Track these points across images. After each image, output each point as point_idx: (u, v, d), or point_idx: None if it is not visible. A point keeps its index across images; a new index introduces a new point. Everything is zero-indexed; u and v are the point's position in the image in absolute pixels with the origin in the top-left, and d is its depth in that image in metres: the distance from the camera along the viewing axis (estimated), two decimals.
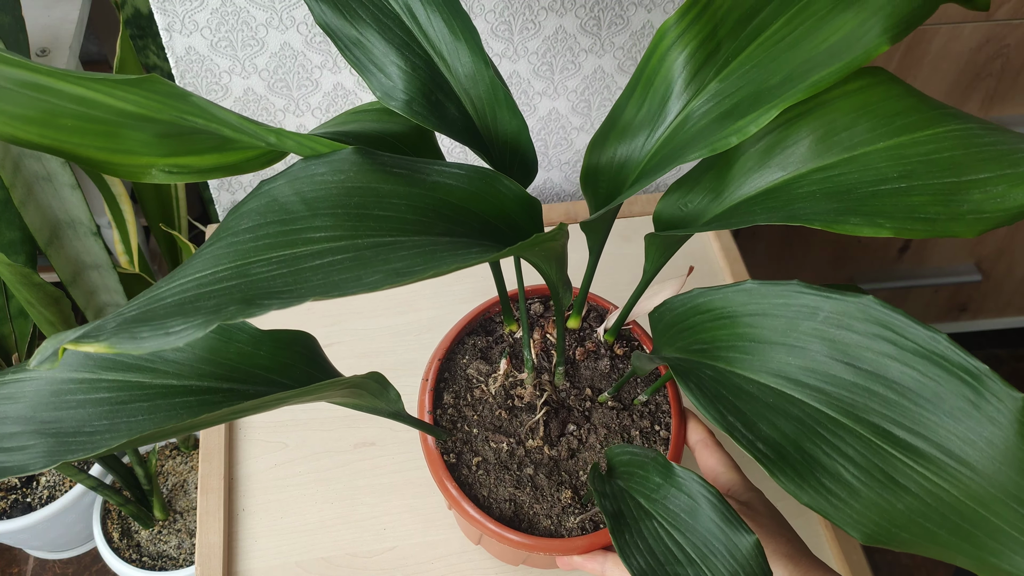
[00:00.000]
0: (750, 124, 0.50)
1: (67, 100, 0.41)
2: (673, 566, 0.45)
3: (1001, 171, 0.47)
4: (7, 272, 0.82)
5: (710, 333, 0.50)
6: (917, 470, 0.41)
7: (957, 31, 1.08)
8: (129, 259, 1.12)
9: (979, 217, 0.46)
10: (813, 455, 0.42)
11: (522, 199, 0.50)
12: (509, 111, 0.53)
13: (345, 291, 0.41)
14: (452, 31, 0.52)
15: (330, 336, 0.87)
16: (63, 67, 1.05)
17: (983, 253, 1.44)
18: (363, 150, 0.46)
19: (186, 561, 1.19)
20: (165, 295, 0.41)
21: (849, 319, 0.45)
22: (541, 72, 0.89)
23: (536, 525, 0.58)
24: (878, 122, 0.51)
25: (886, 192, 0.48)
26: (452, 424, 0.61)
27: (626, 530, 0.46)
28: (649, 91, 0.55)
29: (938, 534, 0.40)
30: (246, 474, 0.78)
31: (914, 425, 0.42)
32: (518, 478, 0.59)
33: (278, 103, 0.88)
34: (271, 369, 0.53)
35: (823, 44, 0.51)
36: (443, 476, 0.59)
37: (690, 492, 0.47)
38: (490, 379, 0.63)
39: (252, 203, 0.44)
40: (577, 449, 0.61)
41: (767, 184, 0.53)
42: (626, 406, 0.63)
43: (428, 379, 0.62)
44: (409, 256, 0.45)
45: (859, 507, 0.41)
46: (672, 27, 0.54)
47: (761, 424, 0.43)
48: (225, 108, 0.44)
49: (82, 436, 0.47)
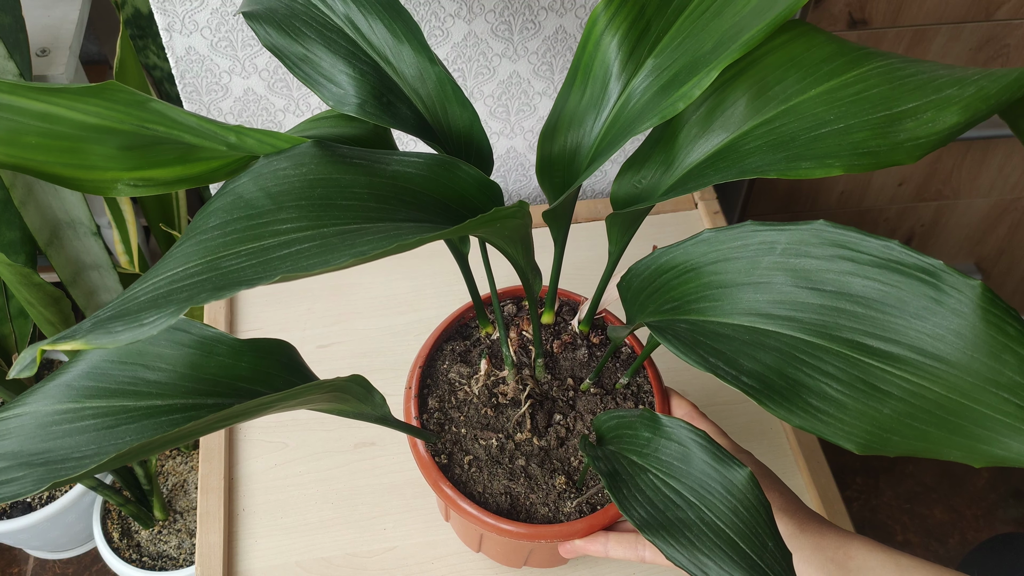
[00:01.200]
0: (693, 88, 0.52)
1: (30, 117, 0.43)
2: (673, 511, 0.45)
3: (926, 98, 0.50)
4: (7, 272, 0.82)
5: (678, 290, 0.52)
6: (896, 374, 0.42)
7: (957, 31, 1.08)
8: (129, 259, 1.13)
9: (916, 143, 0.48)
10: (796, 379, 0.43)
11: (482, 183, 0.52)
12: (459, 105, 0.55)
13: (312, 271, 0.42)
14: (394, 35, 0.55)
15: (330, 336, 0.87)
16: (63, 67, 1.08)
17: (983, 253, 1.45)
18: (322, 143, 0.47)
19: (186, 561, 1.18)
20: (138, 295, 0.42)
21: (806, 246, 0.47)
22: (541, 72, 0.91)
23: (534, 514, 0.58)
24: (806, 71, 0.53)
25: (828, 134, 0.51)
26: (440, 427, 0.62)
27: (623, 486, 0.47)
28: (589, 77, 0.58)
29: (928, 431, 0.41)
30: (246, 474, 0.78)
31: (885, 333, 0.43)
32: (511, 470, 0.59)
33: (278, 103, 0.89)
34: (253, 380, 0.53)
35: (746, 7, 0.53)
36: (437, 478, 0.59)
37: (680, 439, 0.48)
38: (472, 380, 0.63)
39: (218, 202, 0.45)
40: (566, 437, 0.61)
41: (714, 147, 0.56)
42: (608, 391, 0.63)
43: (411, 386, 0.63)
44: (374, 240, 0.46)
45: (848, 419, 0.41)
46: (602, 13, 0.56)
47: (742, 360, 0.44)
48: (185, 111, 0.45)
49: (71, 461, 0.47)
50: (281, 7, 0.55)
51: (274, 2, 0.55)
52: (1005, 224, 1.36)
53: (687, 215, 0.99)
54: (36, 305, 0.88)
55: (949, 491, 1.53)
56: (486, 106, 0.94)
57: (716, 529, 0.44)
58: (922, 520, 1.51)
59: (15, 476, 0.47)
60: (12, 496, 0.45)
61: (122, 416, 0.50)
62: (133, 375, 0.52)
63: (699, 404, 0.64)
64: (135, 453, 0.44)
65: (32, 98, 0.42)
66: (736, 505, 0.45)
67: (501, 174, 1.03)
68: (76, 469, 0.47)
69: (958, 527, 1.50)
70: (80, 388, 0.51)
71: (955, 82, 0.50)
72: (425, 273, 0.92)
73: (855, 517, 1.51)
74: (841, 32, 1.06)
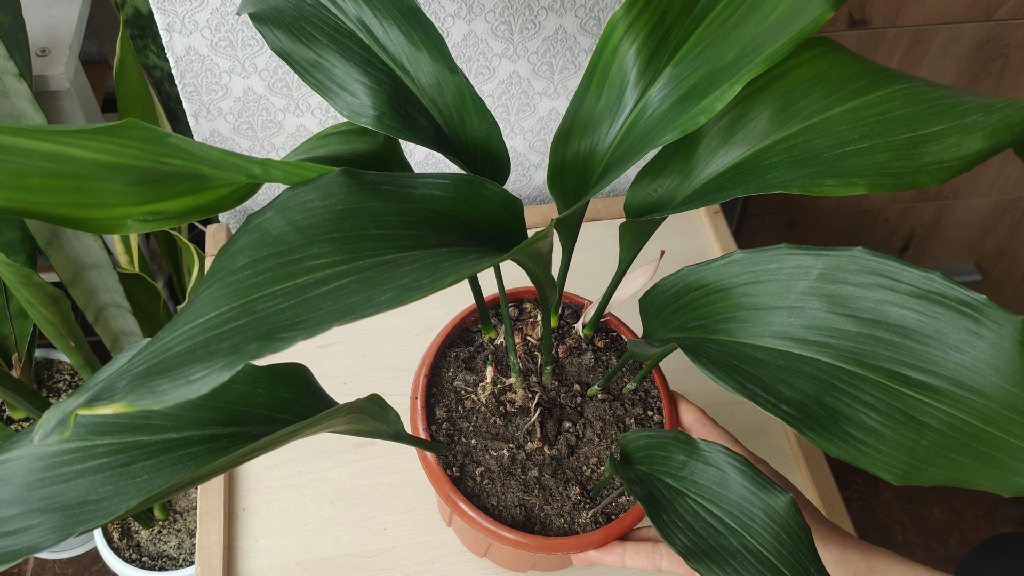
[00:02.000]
0: (715, 102, 0.51)
1: (35, 158, 0.39)
2: (716, 538, 0.45)
3: (951, 122, 0.50)
4: (7, 272, 0.81)
5: (705, 309, 0.51)
6: (934, 405, 0.43)
7: (957, 31, 1.08)
8: (129, 259, 1.13)
9: (940, 167, 0.49)
10: (835, 408, 0.44)
11: (505, 200, 0.50)
12: (478, 115, 0.53)
13: (361, 313, 0.41)
14: (411, 42, 0.52)
15: (330, 336, 0.86)
16: (63, 67, 1.05)
17: (983, 253, 1.47)
18: (349, 171, 0.45)
19: (186, 561, 1.18)
20: (171, 345, 0.39)
21: (842, 272, 0.47)
22: (541, 72, 0.89)
23: (549, 526, 0.58)
24: (831, 88, 0.53)
25: (851, 153, 0.51)
26: (449, 438, 0.61)
27: (662, 512, 0.47)
28: (605, 83, 0.56)
29: (962, 463, 0.42)
30: (246, 474, 0.77)
31: (923, 363, 0.44)
32: (524, 482, 0.59)
33: (278, 103, 0.86)
34: (271, 407, 0.51)
35: (769, 18, 0.53)
36: (449, 491, 0.58)
37: (717, 463, 0.48)
38: (479, 388, 0.63)
39: (243, 239, 0.43)
40: (576, 445, 0.61)
41: (734, 160, 0.55)
42: (616, 396, 0.63)
43: (418, 396, 0.62)
44: (412, 271, 0.44)
45: (887, 450, 0.42)
46: (621, 19, 0.55)
47: (780, 387, 0.45)
48: (205, 144, 0.42)
49: (89, 505, 0.45)
50: (289, 8, 0.52)
51: (281, 2, 0.52)
52: (1005, 224, 1.39)
53: (687, 215, 1.00)
54: (36, 305, 0.87)
55: (949, 491, 1.54)
56: None
57: (760, 556, 0.45)
58: (922, 520, 1.51)
59: (31, 524, 0.44)
60: (30, 549, 0.43)
61: (137, 452, 0.48)
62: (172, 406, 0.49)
63: (699, 403, 0.64)
64: (163, 495, 0.42)
65: (39, 139, 0.39)
66: (779, 532, 0.45)
67: None
68: (96, 514, 0.45)
69: (958, 527, 1.51)
70: (88, 424, 0.48)
71: (980, 108, 0.50)
72: None
73: (855, 517, 1.52)
74: (841, 32, 1.05)
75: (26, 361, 1.09)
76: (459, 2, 0.80)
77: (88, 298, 0.99)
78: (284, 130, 0.89)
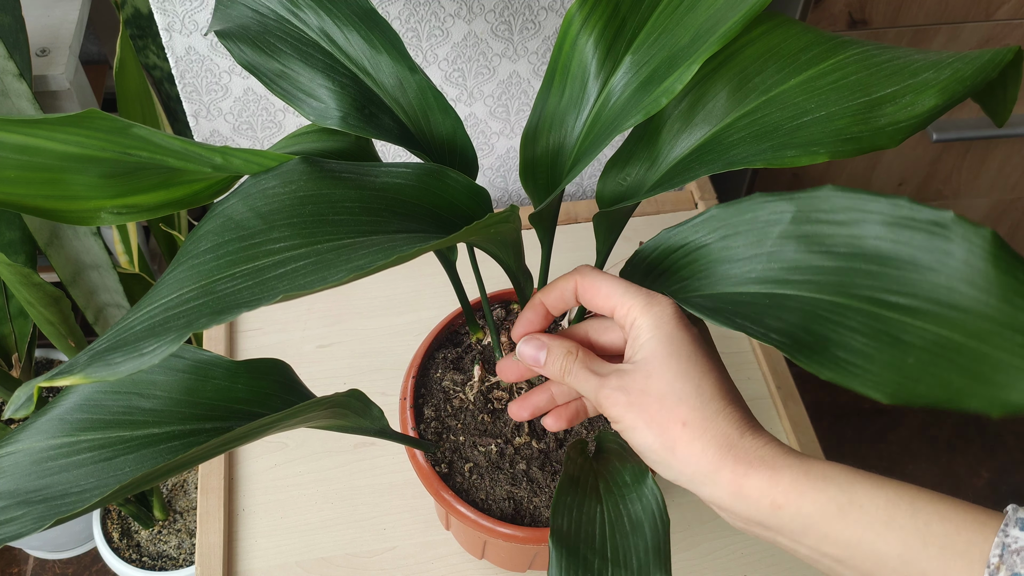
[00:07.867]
0: (675, 83, 0.52)
1: (9, 150, 0.42)
2: (587, 545, 0.45)
3: (904, 82, 0.50)
4: (7, 272, 0.82)
5: (688, 268, 0.51)
6: (917, 325, 0.42)
7: (957, 31, 1.08)
8: (129, 259, 1.13)
9: (897, 127, 0.49)
10: (823, 334, 0.43)
11: (470, 189, 0.52)
12: (441, 112, 0.55)
13: (311, 289, 0.42)
14: (372, 45, 0.54)
15: (330, 336, 0.87)
16: (63, 67, 1.08)
17: None
18: (310, 159, 0.47)
19: (186, 561, 1.18)
20: (134, 324, 0.41)
21: (815, 212, 0.47)
22: (541, 72, 0.91)
23: (538, 517, 0.58)
24: (785, 61, 0.54)
25: (810, 123, 0.51)
26: (438, 436, 0.61)
27: (570, 493, 0.47)
28: (568, 77, 0.58)
29: (950, 379, 0.41)
30: (246, 474, 0.77)
31: (902, 287, 0.43)
32: (512, 475, 0.59)
33: (278, 103, 0.88)
34: (251, 401, 0.52)
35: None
36: (439, 487, 0.58)
37: (645, 508, 0.47)
38: (466, 387, 0.63)
39: (208, 225, 0.45)
40: (564, 439, 0.61)
41: (698, 141, 0.56)
42: None
43: (406, 397, 0.63)
44: (370, 254, 0.45)
45: (876, 370, 0.41)
46: (576, 13, 0.56)
47: (768, 319, 0.44)
48: (169, 136, 0.44)
49: (71, 496, 0.46)
50: (254, 24, 0.54)
51: (246, 19, 0.55)
52: (1005, 224, 1.37)
53: (687, 215, 1.00)
54: (36, 305, 0.88)
55: (949, 491, 1.49)
56: (486, 106, 0.94)
57: None
58: None
59: (14, 515, 0.46)
60: (13, 536, 0.44)
61: (119, 447, 0.50)
62: (128, 404, 0.51)
63: None
64: (136, 485, 0.43)
65: (10, 131, 0.41)
66: None
67: (501, 174, 1.03)
68: (76, 504, 0.46)
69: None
70: (74, 421, 0.50)
71: (931, 66, 0.51)
72: (424, 274, 0.92)
73: None
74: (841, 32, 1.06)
75: (26, 361, 1.09)
76: (459, 2, 0.82)
77: (88, 298, 0.99)
78: (284, 130, 0.91)
